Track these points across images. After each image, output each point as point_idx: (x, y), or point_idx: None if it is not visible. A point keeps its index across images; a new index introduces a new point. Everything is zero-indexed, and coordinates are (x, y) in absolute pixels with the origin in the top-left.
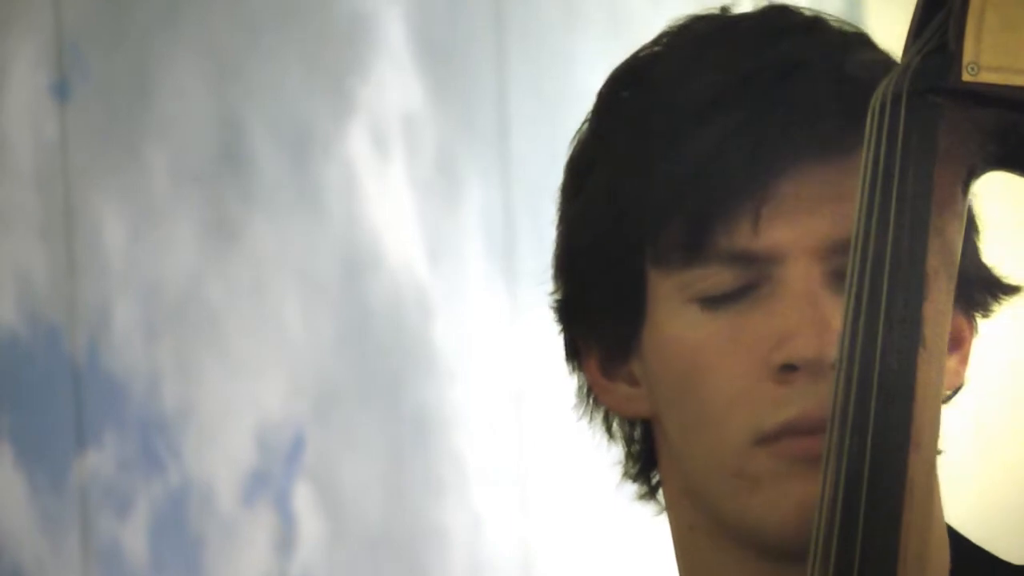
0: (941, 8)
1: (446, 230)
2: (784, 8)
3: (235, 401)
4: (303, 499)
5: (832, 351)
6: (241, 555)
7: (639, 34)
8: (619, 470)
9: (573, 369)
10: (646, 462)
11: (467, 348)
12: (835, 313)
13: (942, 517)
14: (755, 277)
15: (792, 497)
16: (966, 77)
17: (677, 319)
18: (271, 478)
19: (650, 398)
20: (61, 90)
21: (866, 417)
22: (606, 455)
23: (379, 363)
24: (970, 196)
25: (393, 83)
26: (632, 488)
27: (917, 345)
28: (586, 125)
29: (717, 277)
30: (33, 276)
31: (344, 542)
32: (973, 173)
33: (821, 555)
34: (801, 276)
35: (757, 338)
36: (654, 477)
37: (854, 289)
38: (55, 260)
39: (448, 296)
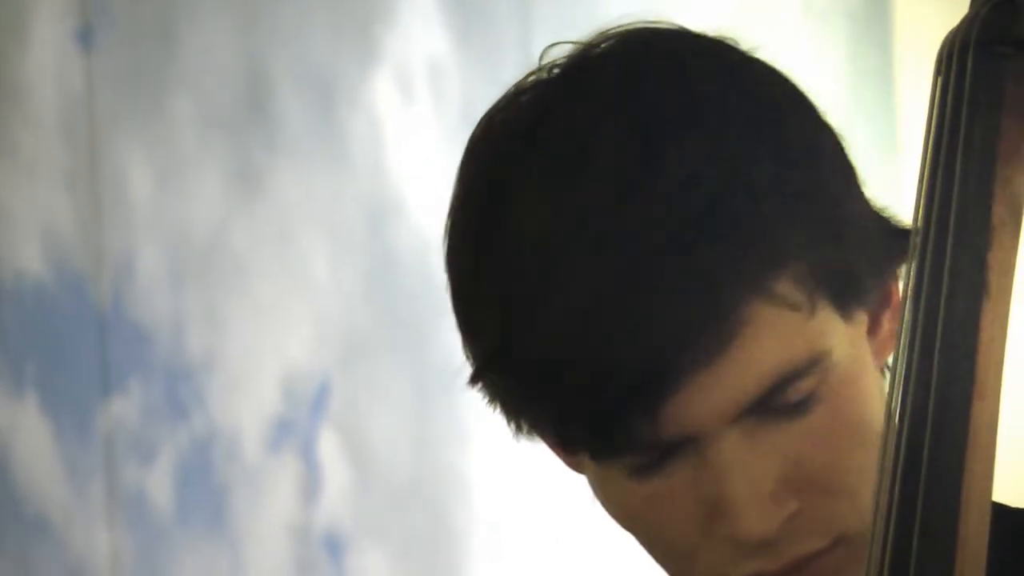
0: None
1: None
2: (645, 103)
3: (260, 349)
4: (328, 447)
5: (776, 518)
6: (266, 503)
7: None
8: None
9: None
10: None
11: None
12: (768, 465)
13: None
14: (675, 445)
15: None
16: None
17: (609, 482)
18: (296, 426)
19: None
20: (86, 38)
21: (930, 366)
22: None
23: (405, 311)
24: None
25: (418, 30)
26: None
27: (981, 294)
28: (454, 231)
29: (633, 457)
30: (58, 225)
31: (369, 490)
32: None
33: (884, 506)
34: (718, 450)
35: (695, 501)
36: None
37: (919, 239)
38: (80, 209)
39: None
